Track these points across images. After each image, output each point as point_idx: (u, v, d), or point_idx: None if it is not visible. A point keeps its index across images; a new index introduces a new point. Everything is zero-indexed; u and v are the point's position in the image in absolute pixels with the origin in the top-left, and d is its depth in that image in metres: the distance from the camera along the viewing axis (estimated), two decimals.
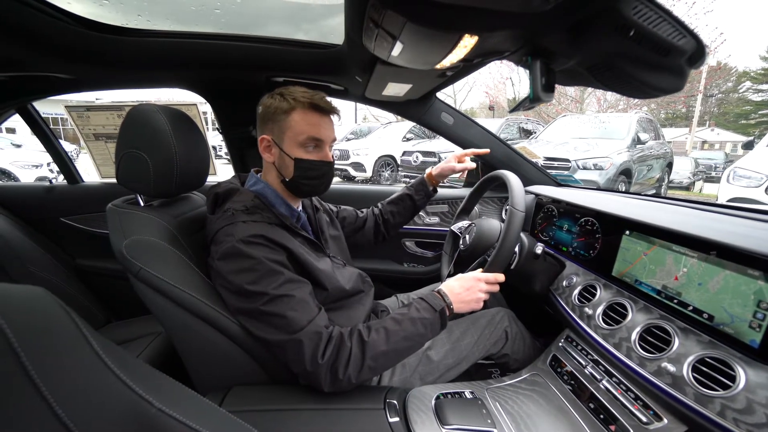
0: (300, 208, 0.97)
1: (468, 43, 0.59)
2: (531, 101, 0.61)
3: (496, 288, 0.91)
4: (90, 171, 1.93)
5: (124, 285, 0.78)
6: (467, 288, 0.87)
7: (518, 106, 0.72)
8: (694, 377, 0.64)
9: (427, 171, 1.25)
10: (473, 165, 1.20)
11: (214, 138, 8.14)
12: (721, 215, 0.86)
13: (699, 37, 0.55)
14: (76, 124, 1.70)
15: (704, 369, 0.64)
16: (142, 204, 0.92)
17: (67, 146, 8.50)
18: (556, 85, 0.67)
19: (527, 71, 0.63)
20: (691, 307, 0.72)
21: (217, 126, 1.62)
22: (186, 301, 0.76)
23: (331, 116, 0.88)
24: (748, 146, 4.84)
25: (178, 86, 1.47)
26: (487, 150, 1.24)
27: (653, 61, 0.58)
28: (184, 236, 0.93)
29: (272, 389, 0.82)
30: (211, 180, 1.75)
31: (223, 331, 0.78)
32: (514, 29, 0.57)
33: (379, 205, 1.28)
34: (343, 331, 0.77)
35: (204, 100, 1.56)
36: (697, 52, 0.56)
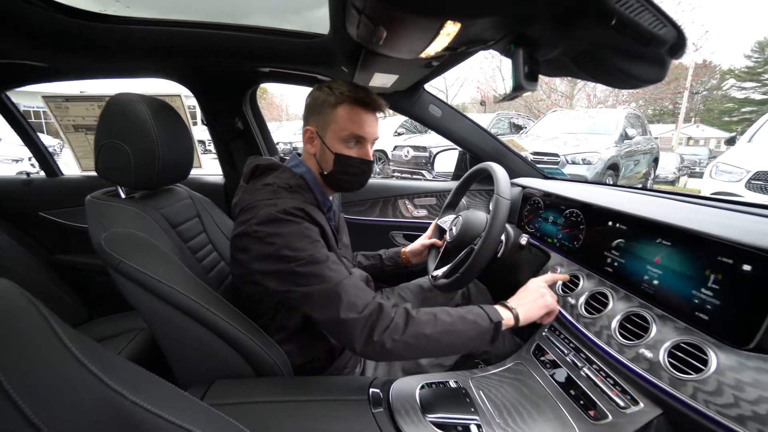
0: (332, 198, 0.98)
1: (451, 30, 0.59)
2: (514, 90, 0.61)
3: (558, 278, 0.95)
4: (74, 165, 1.88)
5: (107, 280, 0.76)
6: (533, 292, 0.88)
7: (505, 98, 0.72)
8: (669, 362, 0.66)
9: (402, 249, 1.27)
10: (440, 242, 1.22)
11: (204, 132, 8.01)
12: (700, 206, 0.88)
13: (680, 27, 0.55)
14: (54, 115, 1.65)
15: (679, 354, 0.65)
16: (123, 196, 0.90)
17: (50, 140, 8.25)
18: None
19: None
20: (668, 295, 0.73)
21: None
22: (169, 295, 0.74)
23: (377, 114, 0.87)
24: (731, 142, 4.94)
25: (161, 76, 1.44)
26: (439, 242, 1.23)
27: (635, 51, 0.58)
28: (168, 229, 0.92)
29: (256, 382, 0.81)
30: (196, 173, 1.72)
31: (207, 325, 0.77)
32: (497, 16, 0.57)
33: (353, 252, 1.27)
34: (385, 303, 0.75)
35: (189, 93, 1.53)
36: (678, 42, 0.57)
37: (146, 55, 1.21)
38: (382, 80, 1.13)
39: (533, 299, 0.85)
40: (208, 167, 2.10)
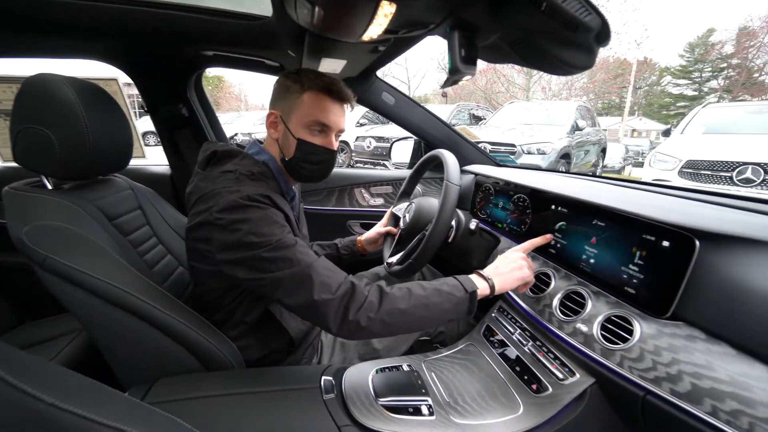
0: (294, 187, 0.95)
1: (388, 11, 0.58)
2: (451, 73, 0.62)
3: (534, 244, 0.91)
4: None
5: (39, 280, 0.70)
6: (511, 263, 0.84)
7: (445, 82, 0.72)
8: (602, 335, 0.71)
9: (358, 238, 1.26)
10: (395, 230, 1.21)
11: None
12: (634, 190, 0.95)
13: (603, 15, 0.58)
14: None
15: (610, 326, 0.70)
16: (49, 187, 0.82)
17: None
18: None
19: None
20: (602, 272, 0.78)
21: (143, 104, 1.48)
22: (104, 291, 0.69)
23: (344, 105, 0.85)
24: (666, 134, 5.40)
25: (94, 57, 1.31)
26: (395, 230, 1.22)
27: (565, 37, 0.61)
28: (104, 222, 0.85)
29: (204, 377, 0.78)
30: (138, 164, 1.61)
31: (150, 321, 0.72)
32: None
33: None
34: (357, 282, 0.73)
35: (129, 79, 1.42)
36: (603, 30, 0.60)
37: (76, 33, 1.10)
38: (330, 66, 1.10)
39: (510, 270, 0.83)
40: (154, 158, 1.96)
